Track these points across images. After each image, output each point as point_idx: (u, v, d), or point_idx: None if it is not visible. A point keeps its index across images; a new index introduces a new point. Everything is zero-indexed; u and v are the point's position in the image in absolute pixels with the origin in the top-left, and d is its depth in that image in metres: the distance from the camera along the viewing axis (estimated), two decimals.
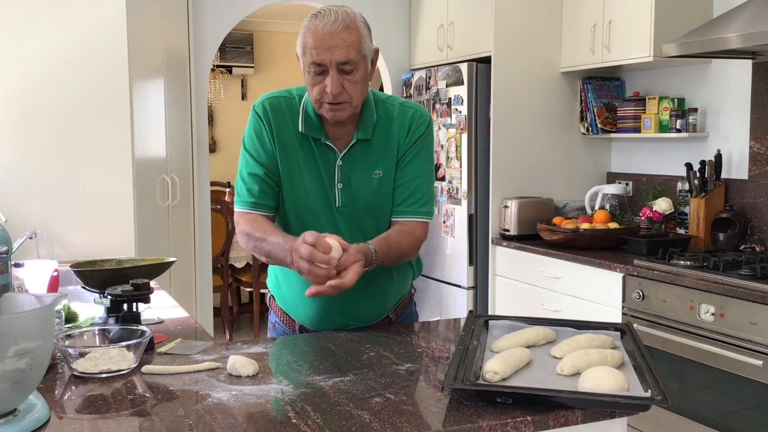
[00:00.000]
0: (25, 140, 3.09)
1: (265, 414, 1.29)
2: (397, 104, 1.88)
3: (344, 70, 1.70)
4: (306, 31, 1.70)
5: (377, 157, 1.83)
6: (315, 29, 1.68)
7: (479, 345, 1.55)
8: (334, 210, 1.84)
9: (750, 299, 2.59)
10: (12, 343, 1.13)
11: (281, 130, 1.83)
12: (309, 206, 1.84)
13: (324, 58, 1.68)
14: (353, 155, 1.83)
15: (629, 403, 1.30)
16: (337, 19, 1.68)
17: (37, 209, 3.09)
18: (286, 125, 1.83)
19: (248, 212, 1.85)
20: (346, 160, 1.83)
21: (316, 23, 1.68)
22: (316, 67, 1.70)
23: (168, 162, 3.76)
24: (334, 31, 1.67)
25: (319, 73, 1.70)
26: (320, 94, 1.72)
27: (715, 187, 3.42)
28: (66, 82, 3.12)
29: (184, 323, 2.03)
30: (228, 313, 5.42)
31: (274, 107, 1.85)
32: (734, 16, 2.90)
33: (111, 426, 1.24)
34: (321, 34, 1.67)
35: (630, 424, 1.59)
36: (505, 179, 3.99)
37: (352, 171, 1.83)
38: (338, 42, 1.67)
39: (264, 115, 1.84)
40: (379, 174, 1.83)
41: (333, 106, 1.74)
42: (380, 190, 1.84)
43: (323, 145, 1.82)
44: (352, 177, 1.83)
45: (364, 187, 1.83)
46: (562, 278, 3.48)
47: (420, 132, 1.86)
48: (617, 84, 4.07)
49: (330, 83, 1.69)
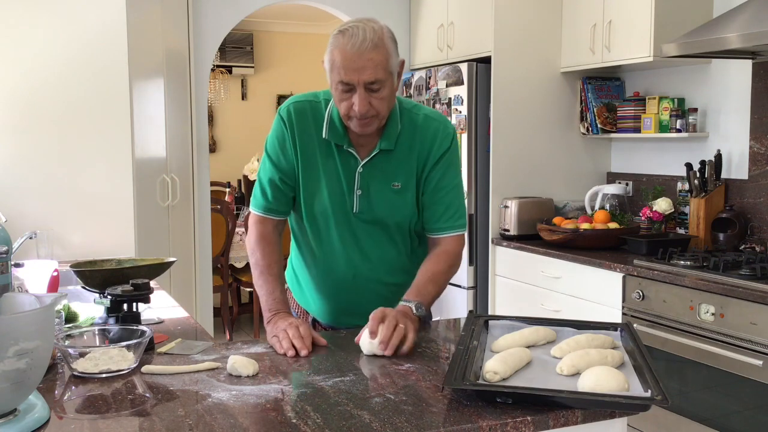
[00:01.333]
0: (25, 140, 3.09)
1: (265, 414, 1.29)
2: (421, 115, 1.88)
3: (372, 89, 1.70)
4: (333, 49, 1.70)
5: (397, 169, 1.84)
6: (343, 48, 1.68)
7: (479, 345, 1.55)
8: (351, 216, 1.86)
9: (750, 299, 2.59)
10: (12, 343, 1.13)
11: (304, 135, 1.85)
12: (325, 210, 1.86)
13: (352, 78, 1.68)
14: (374, 164, 1.84)
15: (629, 403, 1.30)
16: (365, 38, 1.67)
17: (37, 209, 3.09)
18: (309, 130, 1.84)
19: (262, 216, 1.91)
20: (367, 167, 1.84)
21: (344, 42, 1.68)
22: (343, 86, 1.71)
23: (168, 162, 3.76)
24: (362, 51, 1.67)
25: (346, 90, 1.71)
26: (347, 109, 1.73)
27: (715, 187, 3.42)
28: (66, 82, 3.12)
29: (184, 323, 2.03)
30: (228, 313, 5.42)
31: (299, 112, 1.86)
32: (734, 16, 2.90)
33: (111, 426, 1.24)
34: (349, 54, 1.67)
35: (630, 424, 1.59)
36: (505, 179, 3.99)
37: (372, 179, 1.84)
38: (366, 63, 1.67)
39: (288, 120, 1.86)
40: (397, 186, 1.85)
41: (361, 121, 1.75)
42: (397, 201, 1.85)
43: (345, 152, 1.84)
44: (371, 185, 1.84)
45: (383, 196, 1.85)
46: (562, 278, 3.48)
47: (445, 146, 1.86)
48: (617, 84, 4.07)
49: (357, 102, 1.70)
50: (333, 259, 1.90)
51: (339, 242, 1.88)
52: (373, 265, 1.90)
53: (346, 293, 1.92)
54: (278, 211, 1.90)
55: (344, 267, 1.90)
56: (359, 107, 1.70)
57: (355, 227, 1.87)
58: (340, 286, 1.92)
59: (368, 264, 1.90)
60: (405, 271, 1.93)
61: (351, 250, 1.89)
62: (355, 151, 1.83)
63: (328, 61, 1.72)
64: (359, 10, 4.64)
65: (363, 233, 1.87)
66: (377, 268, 1.90)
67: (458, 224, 1.90)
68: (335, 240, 1.88)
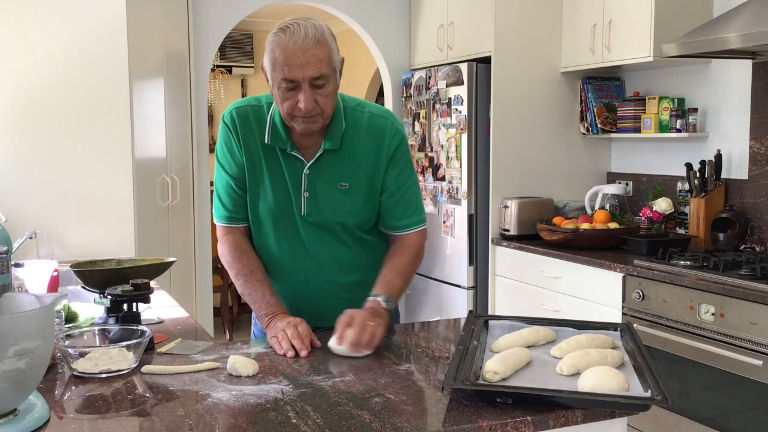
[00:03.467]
0: (25, 140, 3.10)
1: (265, 414, 1.29)
2: (366, 113, 1.85)
3: (316, 84, 1.68)
4: (275, 47, 1.68)
5: (344, 168, 1.82)
6: (285, 45, 1.66)
7: (479, 345, 1.55)
8: (298, 219, 1.84)
9: (750, 299, 2.59)
10: (12, 343, 1.13)
11: (248, 139, 1.83)
12: (273, 214, 1.84)
13: (296, 75, 1.66)
14: (321, 165, 1.82)
15: (629, 403, 1.30)
16: (307, 34, 1.66)
17: (37, 209, 3.09)
18: (253, 135, 1.83)
19: (226, 226, 1.89)
20: (313, 169, 1.82)
21: (286, 39, 1.66)
22: (287, 83, 1.68)
23: (168, 162, 3.76)
24: (305, 47, 1.65)
25: (290, 88, 1.69)
26: (292, 108, 1.71)
27: (715, 187, 3.42)
28: (66, 82, 3.12)
29: (184, 323, 2.03)
30: (228, 313, 5.42)
31: (241, 116, 1.84)
32: (734, 16, 2.90)
33: (111, 426, 1.24)
34: (292, 51, 1.65)
35: (630, 424, 1.59)
36: (505, 179, 3.99)
37: (319, 180, 1.82)
38: (310, 58, 1.66)
39: (232, 125, 1.84)
40: (345, 186, 1.82)
41: (306, 119, 1.72)
42: (346, 201, 1.83)
43: (290, 155, 1.82)
44: (318, 186, 1.82)
45: (330, 196, 1.82)
46: (562, 278, 3.48)
47: (395, 144, 1.85)
48: (617, 84, 4.07)
49: (303, 99, 1.68)
50: (285, 264, 1.89)
51: (287, 246, 1.87)
52: (324, 266, 1.88)
53: (301, 296, 1.91)
54: (240, 218, 1.88)
55: (295, 270, 1.88)
56: (305, 104, 1.68)
57: (303, 230, 1.85)
58: (294, 289, 1.91)
59: (318, 266, 1.88)
60: (358, 268, 1.92)
61: (300, 254, 1.87)
62: (299, 153, 1.81)
63: (269, 61, 1.70)
64: (359, 10, 4.65)
65: (311, 235, 1.85)
66: (328, 269, 1.88)
67: (419, 219, 1.90)
68: (283, 244, 1.87)
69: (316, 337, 1.70)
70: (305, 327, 1.69)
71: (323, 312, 1.88)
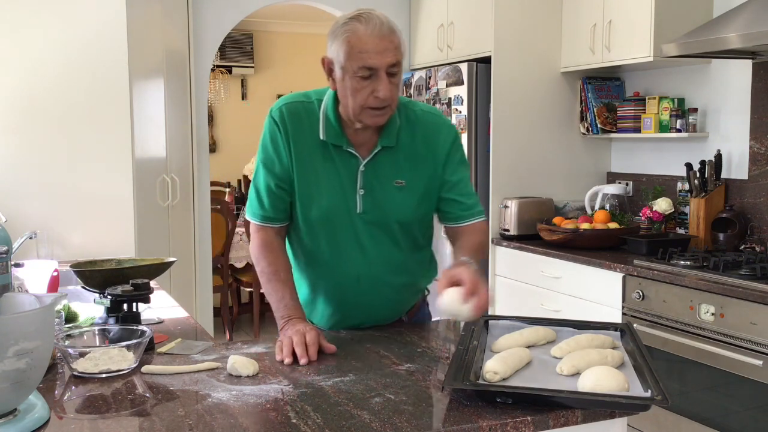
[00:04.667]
0: (25, 140, 3.10)
1: (265, 414, 1.29)
2: (418, 110, 1.85)
3: (391, 72, 1.68)
4: (350, 36, 1.66)
5: (400, 166, 1.81)
6: (364, 33, 1.65)
7: (479, 345, 1.55)
8: (355, 216, 1.81)
9: (750, 299, 2.59)
10: (12, 343, 1.13)
11: (298, 137, 1.79)
12: (327, 213, 1.81)
13: (376, 62, 1.65)
14: (377, 162, 1.80)
15: (629, 403, 1.30)
16: (382, 22, 1.66)
17: (37, 209, 3.09)
18: (304, 132, 1.79)
19: (260, 225, 1.86)
20: (369, 166, 1.79)
21: (363, 27, 1.65)
22: (365, 71, 1.66)
23: (168, 162, 3.76)
24: (383, 34, 1.65)
25: (366, 77, 1.67)
26: (365, 99, 1.68)
27: (715, 187, 3.42)
28: (66, 82, 3.12)
29: (184, 323, 2.03)
30: (228, 313, 5.42)
31: (292, 113, 1.80)
32: (734, 16, 2.90)
33: (111, 426, 1.24)
34: (372, 38, 1.64)
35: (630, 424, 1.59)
36: (505, 179, 3.99)
37: (375, 177, 1.80)
38: (388, 45, 1.66)
39: (281, 121, 1.80)
40: (401, 183, 1.81)
41: (377, 111, 1.71)
42: (401, 199, 1.82)
43: (345, 152, 1.79)
44: (375, 183, 1.80)
45: (386, 194, 1.81)
46: (562, 278, 3.48)
47: (450, 140, 1.85)
48: (617, 84, 4.07)
49: (382, 87, 1.66)
50: (335, 263, 1.85)
51: (341, 245, 1.83)
52: (376, 266, 1.86)
53: (351, 296, 1.88)
54: (277, 219, 1.85)
55: (348, 269, 1.85)
56: (383, 92, 1.67)
57: (358, 228, 1.82)
58: (345, 289, 1.88)
59: (372, 265, 1.85)
60: (408, 271, 1.91)
61: (354, 252, 1.84)
62: (355, 150, 1.79)
63: (343, 50, 1.66)
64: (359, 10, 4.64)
65: (365, 234, 1.82)
66: (381, 268, 1.86)
67: (478, 211, 1.90)
68: (337, 243, 1.83)
69: (326, 341, 1.67)
70: (313, 335, 1.65)
71: (371, 311, 1.88)
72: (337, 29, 1.69)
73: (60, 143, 3.13)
